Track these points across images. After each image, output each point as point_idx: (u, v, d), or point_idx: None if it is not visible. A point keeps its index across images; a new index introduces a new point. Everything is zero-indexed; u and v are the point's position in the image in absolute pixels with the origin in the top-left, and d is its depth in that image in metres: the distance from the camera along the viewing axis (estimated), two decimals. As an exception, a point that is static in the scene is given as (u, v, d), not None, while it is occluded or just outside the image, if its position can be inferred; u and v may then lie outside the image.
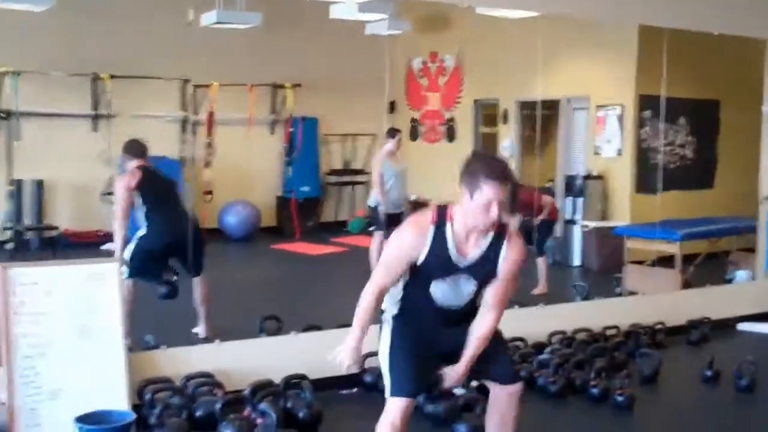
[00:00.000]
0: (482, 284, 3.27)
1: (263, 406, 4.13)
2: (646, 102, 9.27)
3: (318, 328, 5.36)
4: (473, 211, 3.08)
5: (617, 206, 9.56)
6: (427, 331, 3.34)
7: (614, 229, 8.41)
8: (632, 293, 7.01)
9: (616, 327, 5.92)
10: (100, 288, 4.24)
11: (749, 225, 7.36)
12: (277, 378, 4.63)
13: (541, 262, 7.70)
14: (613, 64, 9.59)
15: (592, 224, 9.21)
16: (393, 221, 7.84)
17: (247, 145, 11.03)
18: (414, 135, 11.89)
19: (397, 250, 3.22)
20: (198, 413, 4.27)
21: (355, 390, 5.02)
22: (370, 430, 4.24)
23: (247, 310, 6.28)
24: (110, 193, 7.75)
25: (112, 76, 10.01)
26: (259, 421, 4.09)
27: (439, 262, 3.17)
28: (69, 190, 10.06)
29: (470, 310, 3.34)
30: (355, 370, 3.29)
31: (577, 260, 9.40)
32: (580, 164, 9.84)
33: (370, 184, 11.73)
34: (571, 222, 9.45)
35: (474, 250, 3.19)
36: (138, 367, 4.39)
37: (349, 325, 5.32)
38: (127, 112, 9.93)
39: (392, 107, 11.81)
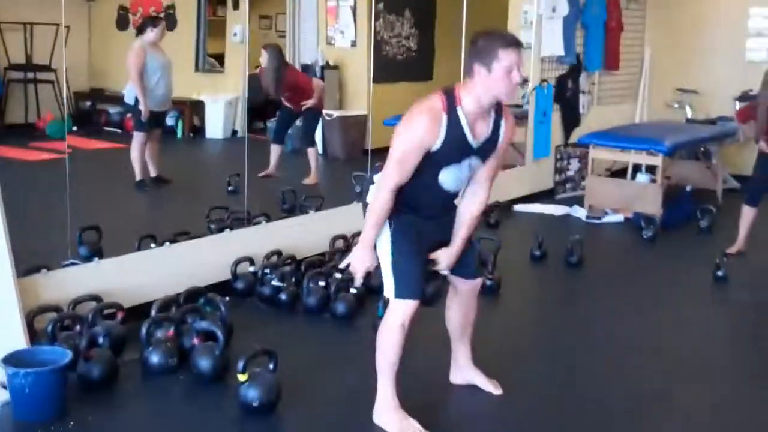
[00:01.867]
0: (484, 161, 3.26)
1: (204, 323, 3.73)
2: (380, -6, 9.42)
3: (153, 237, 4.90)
4: (495, 83, 3.02)
5: (353, 96, 9.68)
6: (422, 224, 3.27)
7: (385, 120, 8.49)
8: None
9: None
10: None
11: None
12: (164, 293, 4.20)
13: (312, 153, 7.61)
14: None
15: (336, 113, 9.24)
16: (157, 121, 7.24)
17: None
18: (123, 24, 10.88)
19: (411, 143, 3.05)
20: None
21: (227, 298, 4.69)
22: (275, 334, 4.04)
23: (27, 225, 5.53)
24: None
25: None
26: (196, 341, 3.69)
27: (454, 147, 3.09)
28: None
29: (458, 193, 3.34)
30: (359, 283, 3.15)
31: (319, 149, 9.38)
32: (315, 53, 9.75)
33: (57, 83, 10.66)
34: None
35: (484, 129, 3.16)
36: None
37: (183, 232, 5.03)
38: None
39: (92, -8, 10.65)
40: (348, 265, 3.26)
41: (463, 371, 3.70)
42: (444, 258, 3.36)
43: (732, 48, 8.87)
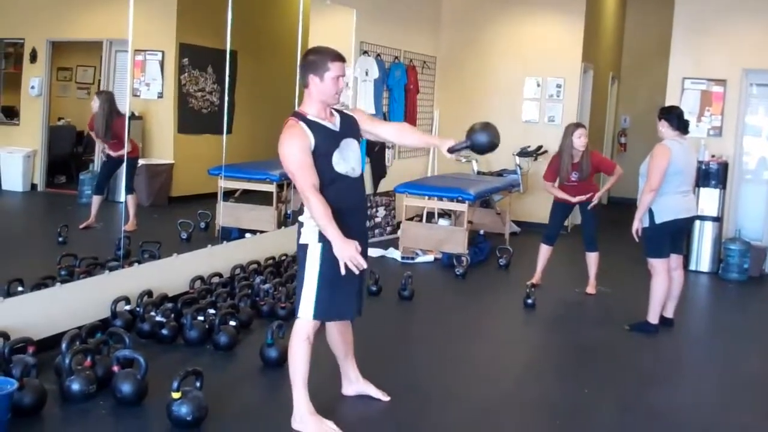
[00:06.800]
0: (358, 139, 3.89)
1: (127, 351, 4.02)
2: (185, 50, 9.85)
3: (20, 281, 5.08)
4: (326, 88, 3.71)
5: (159, 145, 9.94)
6: (348, 227, 3.65)
7: (212, 169, 8.81)
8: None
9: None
10: None
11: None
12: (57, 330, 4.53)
13: (131, 200, 7.82)
14: (153, 11, 9.87)
15: (142, 161, 9.46)
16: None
17: None
18: None
19: (298, 151, 3.61)
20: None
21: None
22: (167, 364, 4.47)
23: None
24: None
25: None
26: (116, 368, 3.99)
27: (324, 136, 3.71)
28: None
29: (362, 181, 3.90)
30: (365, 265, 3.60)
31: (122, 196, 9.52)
32: (123, 105, 9.94)
33: None
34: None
35: (335, 121, 3.81)
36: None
37: (49, 276, 5.24)
38: None
39: None
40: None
41: (355, 384, 4.30)
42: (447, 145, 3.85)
43: (511, 110, 10.19)
